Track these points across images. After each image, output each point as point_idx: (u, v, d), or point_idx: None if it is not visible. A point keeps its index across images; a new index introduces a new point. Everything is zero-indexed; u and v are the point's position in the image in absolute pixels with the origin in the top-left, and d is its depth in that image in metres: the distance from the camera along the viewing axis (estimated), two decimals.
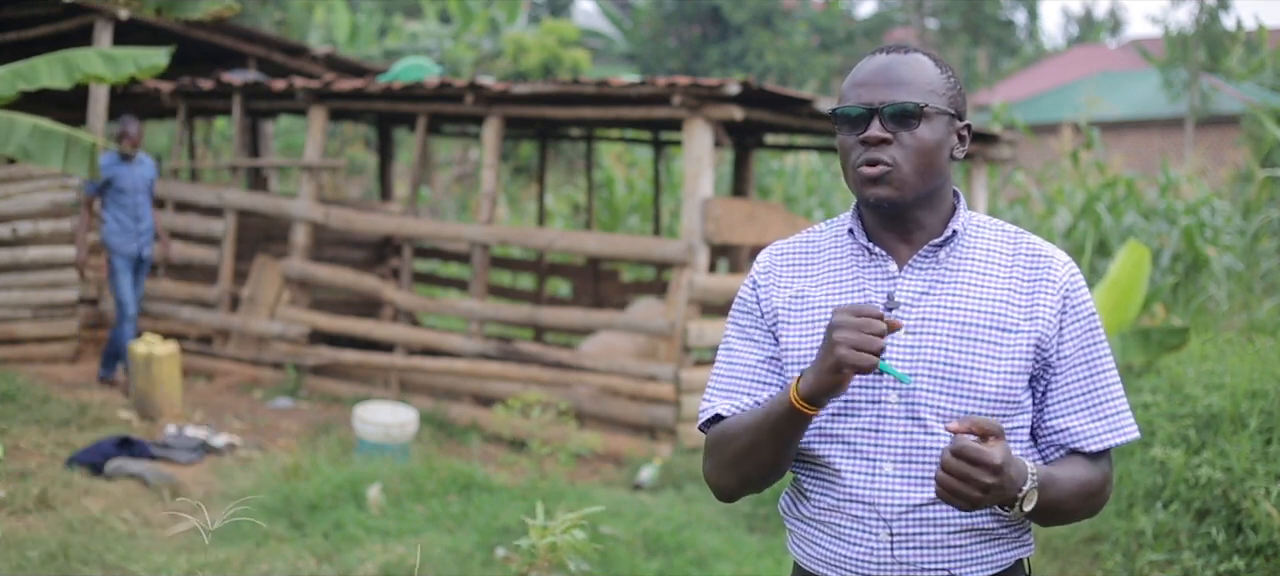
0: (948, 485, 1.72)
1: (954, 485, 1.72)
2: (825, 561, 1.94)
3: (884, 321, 1.75)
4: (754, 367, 1.98)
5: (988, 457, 1.70)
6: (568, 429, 6.67)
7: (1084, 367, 1.91)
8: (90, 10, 8.63)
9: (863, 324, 1.74)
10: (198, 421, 7.46)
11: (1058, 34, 41.64)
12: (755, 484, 1.97)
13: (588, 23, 27.91)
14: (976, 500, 1.73)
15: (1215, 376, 5.56)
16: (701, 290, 7.23)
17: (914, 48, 1.95)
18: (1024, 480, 1.77)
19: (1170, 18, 23.18)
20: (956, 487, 1.72)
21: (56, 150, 5.73)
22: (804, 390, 1.80)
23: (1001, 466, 1.71)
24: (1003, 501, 1.77)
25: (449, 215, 16.93)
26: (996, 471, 1.71)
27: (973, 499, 1.72)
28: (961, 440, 1.72)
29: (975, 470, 1.71)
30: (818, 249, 2.01)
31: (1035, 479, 1.79)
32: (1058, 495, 1.84)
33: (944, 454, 1.73)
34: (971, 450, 1.71)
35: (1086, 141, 14.01)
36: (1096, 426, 1.90)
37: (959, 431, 1.74)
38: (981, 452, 1.71)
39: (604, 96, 7.75)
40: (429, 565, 5.05)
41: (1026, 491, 1.77)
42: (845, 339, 1.73)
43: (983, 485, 1.71)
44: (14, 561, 4.82)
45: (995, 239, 1.95)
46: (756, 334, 2.00)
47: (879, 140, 1.86)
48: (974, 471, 1.71)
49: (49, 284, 8.90)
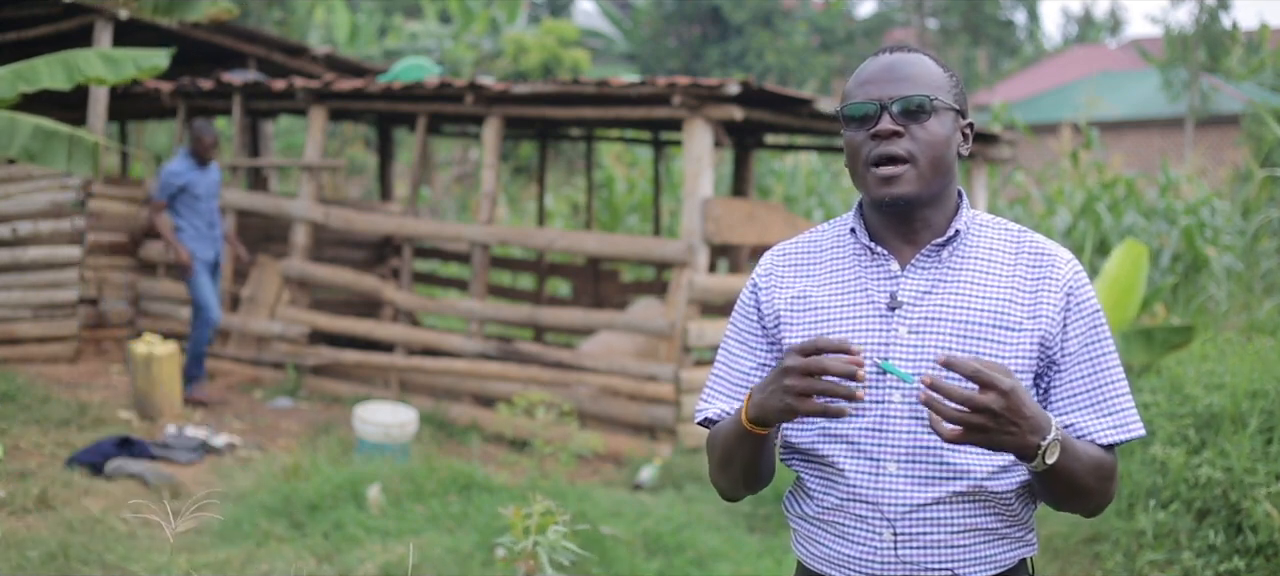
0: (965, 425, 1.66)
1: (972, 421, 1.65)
2: (829, 560, 1.94)
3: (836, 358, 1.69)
4: (748, 374, 2.01)
5: (998, 381, 1.64)
6: (568, 429, 6.67)
7: (1088, 365, 1.90)
8: (90, 10, 8.62)
9: (809, 365, 1.70)
10: (198, 421, 7.46)
11: (1057, 34, 41.63)
12: (745, 487, 2.00)
13: (588, 23, 27.91)
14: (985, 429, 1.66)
15: (1215, 376, 5.56)
16: (701, 290, 7.23)
17: (915, 47, 1.96)
18: (1048, 429, 1.71)
19: (1170, 18, 23.14)
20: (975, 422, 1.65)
21: (59, 151, 5.73)
22: (752, 414, 1.82)
23: (1012, 391, 1.66)
24: (1021, 448, 1.70)
25: (449, 215, 16.92)
26: (1007, 394, 1.65)
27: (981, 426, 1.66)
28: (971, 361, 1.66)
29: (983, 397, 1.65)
30: (820, 249, 2.01)
31: (1058, 431, 1.74)
32: (1078, 463, 1.80)
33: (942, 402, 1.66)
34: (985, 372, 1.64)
35: (1086, 141, 14.01)
36: (1102, 422, 1.89)
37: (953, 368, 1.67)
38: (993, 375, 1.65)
39: (604, 96, 7.75)
40: (429, 565, 5.05)
41: (1049, 442, 1.71)
42: (791, 387, 1.72)
43: (990, 410, 1.65)
44: (14, 561, 4.82)
45: (998, 237, 1.95)
46: (753, 339, 2.01)
47: (891, 133, 1.87)
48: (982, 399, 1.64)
49: (49, 284, 8.90)
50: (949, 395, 1.66)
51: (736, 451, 1.91)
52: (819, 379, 1.70)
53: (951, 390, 1.66)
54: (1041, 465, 1.73)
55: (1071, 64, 29.23)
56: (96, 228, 9.14)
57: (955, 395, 1.66)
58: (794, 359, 1.72)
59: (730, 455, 1.93)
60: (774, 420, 1.80)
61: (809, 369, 1.71)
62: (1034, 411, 1.70)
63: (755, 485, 1.99)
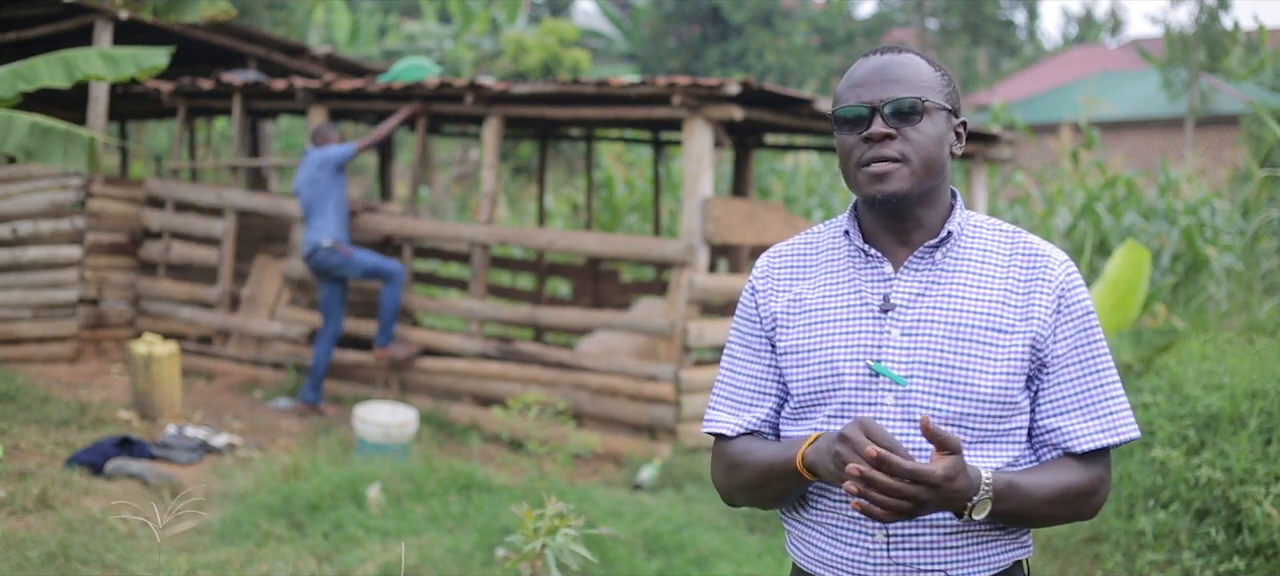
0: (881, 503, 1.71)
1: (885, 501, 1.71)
2: (822, 561, 1.95)
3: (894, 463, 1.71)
4: (756, 379, 2.01)
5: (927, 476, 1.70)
6: (568, 429, 6.67)
7: (1077, 367, 1.89)
8: (90, 10, 8.63)
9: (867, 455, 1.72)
10: (198, 421, 7.46)
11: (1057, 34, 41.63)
12: (766, 507, 2.03)
13: (588, 23, 27.90)
14: (911, 512, 1.72)
15: (1215, 376, 5.56)
16: (701, 290, 7.23)
17: (907, 48, 1.96)
18: (974, 490, 1.76)
19: (1170, 18, 23.16)
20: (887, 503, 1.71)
21: (56, 147, 5.72)
22: (809, 462, 1.85)
23: (941, 482, 1.71)
24: (948, 510, 1.77)
25: (449, 215, 16.92)
26: (934, 487, 1.71)
27: (903, 510, 1.72)
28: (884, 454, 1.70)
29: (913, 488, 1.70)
30: (815, 251, 2.02)
31: (989, 488, 1.78)
32: (1020, 504, 1.83)
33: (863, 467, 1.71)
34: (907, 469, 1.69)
35: (1087, 141, 14.01)
36: (1087, 426, 1.88)
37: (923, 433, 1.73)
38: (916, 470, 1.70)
39: (604, 96, 7.75)
40: (429, 565, 5.05)
41: (976, 502, 1.77)
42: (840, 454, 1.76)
43: (916, 499, 1.71)
44: (14, 561, 4.82)
45: (992, 238, 1.95)
46: (757, 343, 2.02)
47: (883, 136, 1.87)
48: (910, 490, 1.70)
49: (49, 284, 8.90)
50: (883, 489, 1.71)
51: (778, 484, 1.92)
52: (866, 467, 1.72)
53: (885, 484, 1.70)
54: (968, 519, 1.79)
55: (1071, 64, 29.24)
56: (96, 228, 9.14)
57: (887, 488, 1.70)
58: (857, 435, 1.74)
59: (766, 482, 1.94)
60: (825, 479, 1.84)
61: (864, 456, 1.72)
62: (964, 482, 1.74)
63: (780, 507, 2.02)
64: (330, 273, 7.99)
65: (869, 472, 1.70)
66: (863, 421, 1.74)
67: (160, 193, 9.51)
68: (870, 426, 1.73)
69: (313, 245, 7.92)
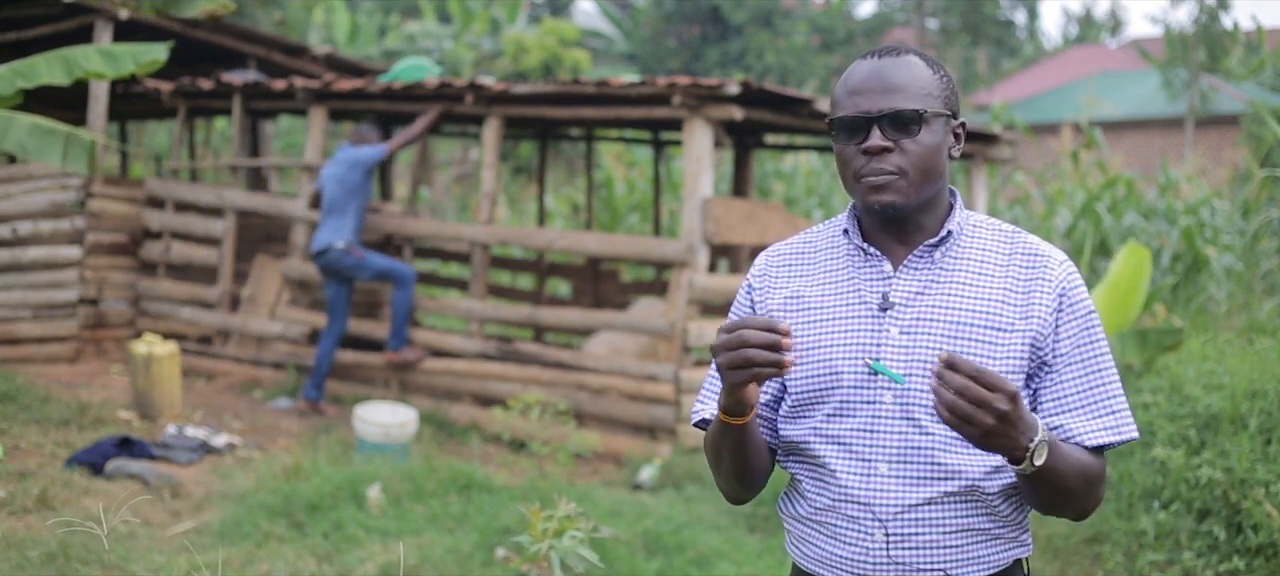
0: (959, 410, 1.64)
1: (967, 409, 1.64)
2: (821, 561, 1.94)
3: (759, 330, 1.71)
4: None
5: (1005, 383, 1.64)
6: (568, 429, 6.66)
7: (1080, 366, 1.89)
8: (90, 10, 8.62)
9: (730, 339, 1.74)
10: (198, 421, 7.46)
11: (1057, 34, 41.63)
12: (739, 484, 1.99)
13: (588, 23, 27.90)
14: (988, 429, 1.65)
15: (1215, 377, 5.56)
16: (701, 290, 7.23)
17: (904, 48, 1.94)
18: (1036, 431, 1.71)
19: (1170, 18, 23.16)
20: (969, 413, 1.64)
21: (55, 148, 5.71)
22: (721, 404, 1.85)
23: (1015, 395, 1.65)
24: (1011, 449, 1.70)
25: (449, 215, 16.91)
26: (1013, 399, 1.64)
27: (985, 426, 1.65)
28: (973, 363, 1.64)
29: (992, 395, 1.64)
30: (814, 250, 2.02)
31: (1046, 433, 1.73)
32: (1064, 465, 1.78)
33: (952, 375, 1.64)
34: (989, 374, 1.64)
35: (1088, 141, 14.00)
36: (1092, 425, 1.88)
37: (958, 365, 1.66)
38: (999, 378, 1.64)
39: (604, 96, 7.75)
40: (429, 565, 5.04)
41: (1037, 443, 1.70)
42: (720, 361, 1.76)
43: (998, 411, 1.64)
44: (14, 561, 4.82)
45: (991, 238, 1.95)
46: None
47: (881, 149, 1.86)
48: (991, 397, 1.63)
49: (49, 284, 8.90)
50: (964, 372, 1.64)
51: (721, 445, 1.92)
52: (739, 351, 1.73)
53: (966, 365, 1.64)
54: (1030, 467, 1.72)
55: (1071, 64, 29.25)
56: (96, 228, 9.13)
57: (970, 372, 1.64)
58: (719, 337, 1.76)
59: (718, 450, 1.95)
60: (729, 404, 1.82)
61: (730, 343, 1.74)
62: (1028, 415, 1.70)
63: (750, 482, 1.98)
64: (341, 274, 7.99)
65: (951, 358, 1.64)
66: (723, 324, 1.77)
67: (160, 193, 9.50)
68: (728, 322, 1.77)
69: (326, 244, 7.92)
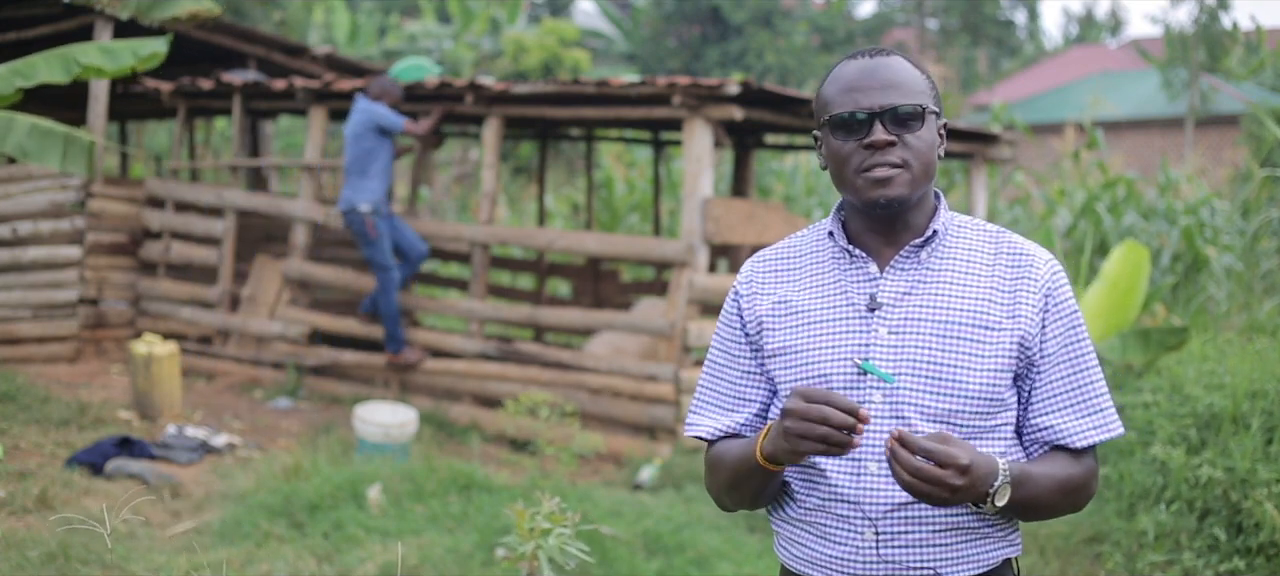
0: (915, 488, 1.74)
1: (923, 487, 1.74)
2: (811, 561, 1.95)
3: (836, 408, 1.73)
4: (736, 384, 2.02)
5: (956, 458, 1.73)
6: (569, 429, 6.66)
7: (1067, 365, 1.91)
8: (90, 10, 8.61)
9: (809, 411, 1.74)
10: (198, 421, 7.46)
11: (1057, 34, 41.64)
12: (753, 508, 2.03)
13: (588, 23, 27.90)
14: (945, 499, 1.75)
15: (1215, 376, 5.56)
16: (701, 290, 7.23)
17: (889, 49, 1.96)
18: (994, 477, 1.79)
19: (1170, 18, 23.17)
20: (926, 490, 1.74)
21: (55, 149, 5.71)
22: (766, 451, 1.85)
23: (969, 465, 1.74)
24: (973, 499, 1.79)
25: (449, 215, 16.91)
26: (964, 471, 1.73)
27: (941, 498, 1.75)
28: (922, 441, 1.74)
29: (944, 473, 1.73)
30: (800, 254, 2.02)
31: (1007, 475, 1.80)
32: (1033, 492, 1.86)
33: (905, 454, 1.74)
34: (940, 452, 1.73)
35: (1089, 141, 14.00)
36: (1081, 424, 1.91)
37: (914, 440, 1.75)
38: (949, 454, 1.73)
39: (604, 96, 7.75)
40: (429, 565, 5.04)
41: (997, 487, 1.79)
42: (790, 430, 1.76)
43: (952, 487, 1.74)
44: (14, 561, 4.81)
45: (977, 238, 1.96)
46: (737, 348, 2.02)
47: (886, 143, 1.87)
48: (943, 475, 1.73)
49: (49, 284, 8.90)
50: (916, 450, 1.74)
51: (747, 481, 1.93)
52: (816, 426, 1.74)
53: (916, 444, 1.74)
54: (992, 508, 1.81)
55: (1071, 64, 29.25)
56: (96, 228, 9.13)
57: (921, 450, 1.74)
58: (795, 403, 1.76)
59: (739, 481, 1.95)
60: (784, 461, 1.84)
61: (808, 415, 1.74)
62: (983, 470, 1.77)
63: (764, 502, 2.02)
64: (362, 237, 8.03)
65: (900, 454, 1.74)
66: (799, 389, 1.77)
67: (160, 193, 9.50)
68: (809, 391, 1.76)
69: (349, 205, 7.98)
